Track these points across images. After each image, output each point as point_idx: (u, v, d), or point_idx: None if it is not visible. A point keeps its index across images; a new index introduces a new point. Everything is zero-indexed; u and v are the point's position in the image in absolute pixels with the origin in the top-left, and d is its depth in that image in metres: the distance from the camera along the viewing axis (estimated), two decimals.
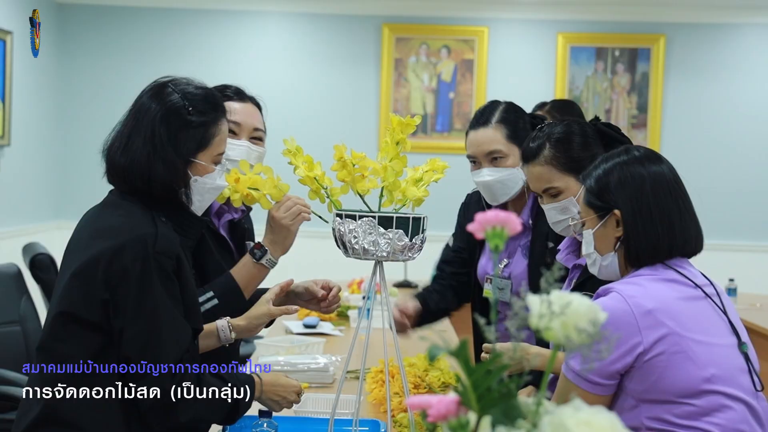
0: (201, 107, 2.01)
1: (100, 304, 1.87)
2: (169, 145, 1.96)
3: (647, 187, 1.94)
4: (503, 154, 2.67)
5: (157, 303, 1.86)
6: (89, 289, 1.87)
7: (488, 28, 6.88)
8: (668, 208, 1.93)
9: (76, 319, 1.89)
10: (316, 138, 6.79)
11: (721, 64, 6.91)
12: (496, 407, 0.97)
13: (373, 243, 2.09)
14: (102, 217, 1.99)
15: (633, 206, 1.94)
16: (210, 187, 2.05)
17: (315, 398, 2.70)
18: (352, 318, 4.10)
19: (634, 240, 1.93)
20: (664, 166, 1.98)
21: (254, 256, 2.29)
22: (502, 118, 2.70)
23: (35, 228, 6.28)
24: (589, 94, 6.89)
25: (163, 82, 2.04)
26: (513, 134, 2.68)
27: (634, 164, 1.96)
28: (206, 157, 2.02)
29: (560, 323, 0.97)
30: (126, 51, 6.81)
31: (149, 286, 1.86)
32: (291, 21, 6.94)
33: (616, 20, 6.89)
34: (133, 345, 1.86)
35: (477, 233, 1.00)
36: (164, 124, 1.96)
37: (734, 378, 1.86)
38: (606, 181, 1.97)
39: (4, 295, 3.72)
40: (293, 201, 2.31)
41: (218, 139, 2.03)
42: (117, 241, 1.88)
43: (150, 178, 1.95)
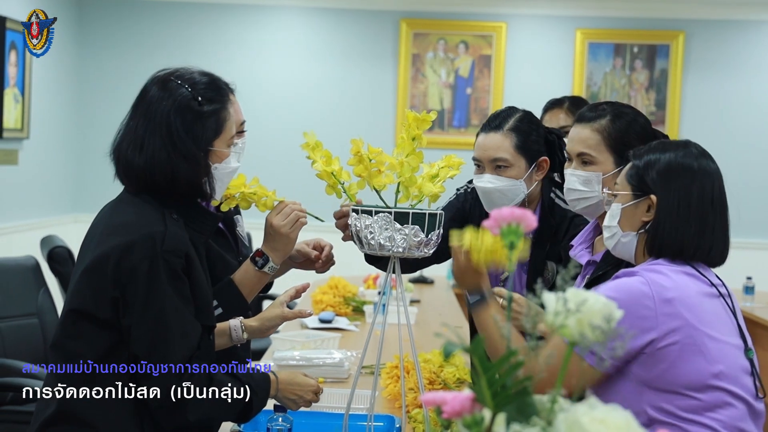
0: (209, 95, 2.00)
1: (110, 302, 1.87)
2: (188, 140, 1.95)
3: (694, 186, 1.92)
4: (508, 163, 2.60)
5: (164, 302, 1.86)
6: (99, 286, 1.88)
7: (506, 23, 6.86)
8: (706, 213, 1.91)
9: (87, 316, 1.90)
10: (333, 133, 6.79)
11: (741, 61, 6.86)
12: (511, 404, 0.97)
13: (389, 238, 2.09)
14: (115, 213, 1.99)
15: (672, 199, 1.91)
16: (228, 171, 2.05)
17: (330, 393, 2.70)
18: (367, 313, 4.10)
19: (662, 231, 1.91)
20: (715, 174, 1.96)
21: (256, 264, 2.27)
22: (515, 126, 2.63)
23: (53, 221, 6.32)
24: (607, 91, 6.86)
25: (164, 76, 2.01)
26: (522, 145, 2.61)
27: (689, 160, 1.94)
28: (222, 143, 2.02)
29: (576, 321, 0.97)
30: (144, 45, 6.84)
31: (157, 285, 1.86)
32: (309, 16, 6.95)
33: (635, 16, 6.85)
34: (141, 344, 1.87)
35: (492, 230, 1.00)
36: (179, 119, 1.95)
37: (739, 377, 1.85)
38: (655, 164, 1.94)
39: (22, 288, 3.75)
40: (290, 207, 2.28)
41: (230, 123, 2.03)
42: (126, 238, 1.88)
43: (174, 176, 1.94)
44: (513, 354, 0.96)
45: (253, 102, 6.85)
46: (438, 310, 4.56)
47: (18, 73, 5.81)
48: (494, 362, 0.98)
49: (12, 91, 5.76)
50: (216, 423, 2.09)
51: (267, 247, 2.28)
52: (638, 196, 1.95)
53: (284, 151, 6.75)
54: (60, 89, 6.60)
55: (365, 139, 2.20)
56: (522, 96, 6.16)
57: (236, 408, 1.99)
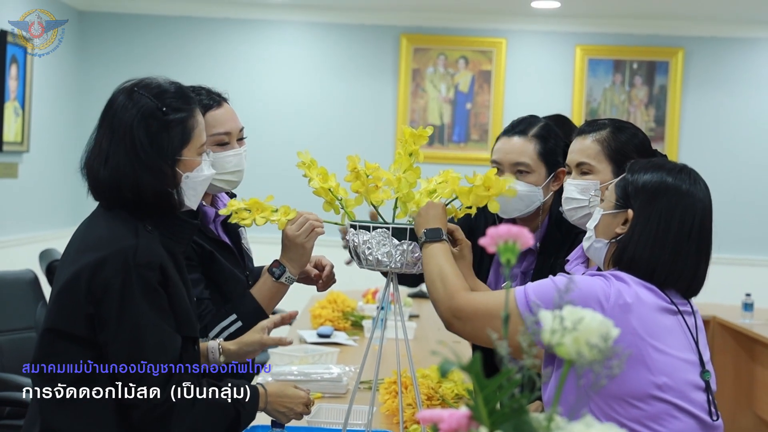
0: (175, 104, 1.96)
1: (85, 319, 1.86)
2: (152, 151, 1.92)
3: (676, 212, 1.89)
4: (530, 168, 2.58)
5: (139, 317, 1.84)
6: (74, 304, 1.87)
7: (506, 39, 6.88)
8: (683, 242, 1.88)
9: (66, 334, 1.88)
10: (333, 148, 6.82)
11: (739, 78, 6.88)
12: (508, 422, 0.97)
13: (386, 254, 2.09)
14: (87, 230, 1.97)
15: (650, 219, 1.89)
16: (201, 179, 2.01)
17: (328, 408, 2.70)
18: (366, 328, 4.10)
19: (631, 248, 1.89)
20: (702, 204, 1.92)
21: (273, 275, 2.28)
22: (540, 134, 2.61)
23: (52, 234, 6.32)
24: (607, 107, 6.87)
25: (128, 87, 1.98)
26: (545, 153, 2.60)
27: (679, 184, 1.91)
28: (191, 152, 1.98)
29: (572, 339, 0.97)
30: (145, 59, 6.85)
31: (130, 299, 1.84)
32: (309, 31, 6.97)
33: (635, 33, 6.87)
34: (119, 361, 1.85)
35: (489, 247, 1.00)
36: (142, 130, 1.92)
37: (686, 392, 1.83)
38: (643, 180, 1.92)
39: (20, 302, 3.75)
40: (305, 217, 2.28)
41: (198, 131, 1.99)
42: (98, 254, 1.87)
43: (139, 187, 1.91)
44: (509, 372, 0.96)
45: (253, 116, 6.86)
46: (437, 325, 4.54)
47: (18, 87, 5.82)
48: (491, 380, 0.98)
49: (12, 105, 5.77)
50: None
51: (283, 258, 2.29)
52: (619, 206, 1.94)
53: (285, 166, 6.76)
54: (60, 103, 6.62)
55: (365, 154, 2.20)
56: (522, 111, 6.15)
57: (224, 421, 1.97)
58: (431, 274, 2.02)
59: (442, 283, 1.99)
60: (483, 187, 2.12)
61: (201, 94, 2.37)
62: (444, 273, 2.00)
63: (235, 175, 2.39)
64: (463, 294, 1.96)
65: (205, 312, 2.31)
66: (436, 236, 2.06)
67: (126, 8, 6.90)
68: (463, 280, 2.01)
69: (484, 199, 2.13)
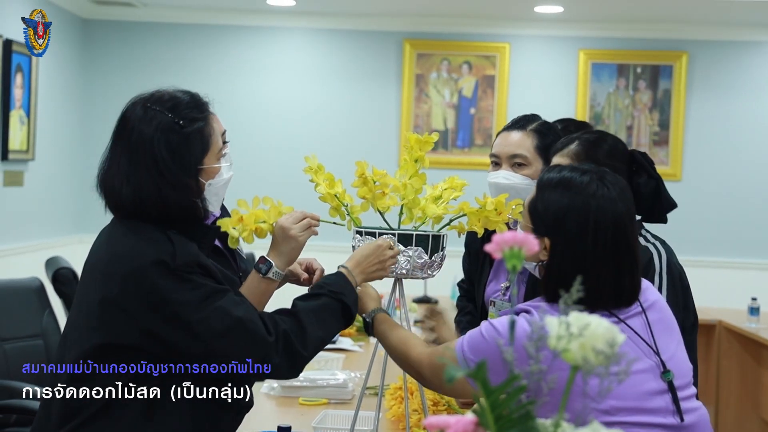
0: (189, 115, 1.97)
1: (138, 332, 1.88)
2: (174, 167, 1.92)
3: (589, 230, 1.81)
4: (527, 161, 2.64)
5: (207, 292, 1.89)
6: (127, 317, 1.88)
7: (510, 44, 6.89)
8: (600, 259, 1.80)
9: (114, 347, 1.90)
10: (337, 154, 6.83)
11: (744, 82, 6.88)
12: (514, 428, 0.97)
13: None
14: (118, 241, 1.97)
15: (565, 247, 1.82)
16: (222, 183, 2.04)
17: (334, 415, 2.70)
18: None
19: (555, 281, 1.81)
20: (615, 205, 1.83)
21: (260, 271, 2.26)
22: (538, 129, 2.69)
23: (58, 242, 6.34)
24: (611, 111, 6.87)
25: (141, 103, 1.98)
26: (542, 147, 2.66)
27: (586, 198, 1.82)
28: (211, 159, 1.99)
29: (579, 345, 0.97)
30: (149, 66, 6.87)
31: (189, 288, 1.87)
32: (312, 37, 6.98)
33: (638, 37, 6.88)
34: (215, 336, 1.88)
35: (494, 254, 1.01)
36: (163, 147, 1.92)
37: (642, 405, 1.78)
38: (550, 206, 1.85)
39: (27, 309, 3.75)
40: (303, 213, 2.26)
41: (215, 137, 2.00)
42: (138, 264, 1.88)
43: (165, 204, 1.93)
44: (516, 378, 0.96)
45: (256, 123, 6.88)
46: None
47: (24, 95, 5.84)
48: (499, 386, 0.98)
49: (18, 113, 5.78)
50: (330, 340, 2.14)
51: (273, 252, 2.24)
52: (535, 232, 1.86)
53: (290, 172, 6.77)
54: (65, 111, 6.64)
55: (369, 160, 2.20)
56: None
57: (336, 317, 2.04)
58: (389, 345, 2.08)
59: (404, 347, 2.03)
60: (494, 212, 2.13)
61: None
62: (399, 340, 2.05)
63: None
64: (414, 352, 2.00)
65: None
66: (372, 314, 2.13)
67: (130, 16, 6.92)
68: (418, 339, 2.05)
69: (494, 224, 2.14)
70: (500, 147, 2.69)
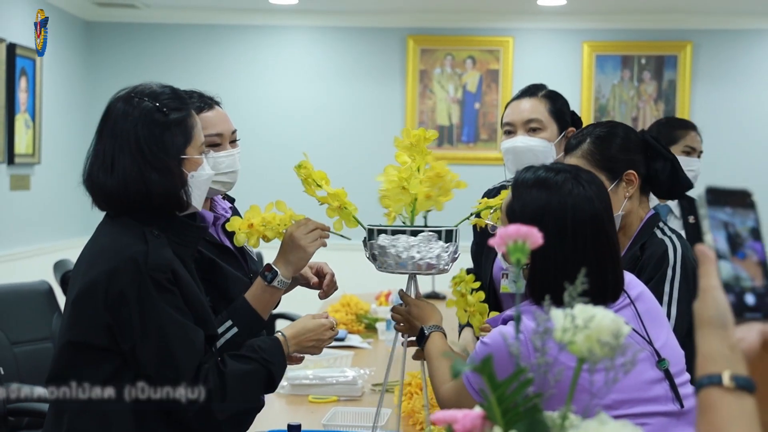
0: (173, 104, 1.99)
1: (105, 329, 1.88)
2: (158, 150, 1.93)
3: (567, 229, 1.79)
4: (542, 125, 2.66)
5: (161, 318, 1.87)
6: (91, 315, 1.89)
7: (513, 38, 6.88)
8: (581, 258, 1.78)
9: (87, 346, 1.91)
10: (342, 151, 6.84)
11: (749, 71, 6.86)
12: (522, 422, 0.97)
13: (408, 257, 2.09)
14: (96, 240, 1.99)
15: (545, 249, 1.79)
16: (204, 178, 2.03)
17: (344, 412, 2.70)
18: (380, 330, 4.10)
19: (539, 285, 1.80)
20: (591, 202, 1.82)
21: (265, 279, 2.25)
22: (549, 95, 2.73)
23: (66, 244, 6.35)
24: (616, 103, 6.86)
25: (125, 95, 2.01)
26: (555, 111, 2.70)
27: (562, 197, 1.81)
28: (193, 151, 2.00)
29: (584, 337, 0.97)
30: (153, 68, 6.88)
31: (150, 303, 1.86)
32: (316, 35, 6.98)
33: (642, 28, 6.86)
34: (149, 364, 1.88)
35: (498, 248, 1.01)
36: (146, 131, 1.94)
37: (643, 394, 1.78)
38: (527, 207, 1.84)
39: (36, 313, 3.76)
40: (313, 223, 2.25)
41: (197, 130, 2.01)
42: (110, 264, 1.88)
43: (148, 190, 1.92)
44: (522, 371, 0.96)
45: (260, 122, 6.88)
46: (451, 325, 4.54)
47: (29, 99, 5.85)
48: (503, 380, 0.98)
49: (23, 117, 5.80)
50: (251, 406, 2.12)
51: (280, 260, 2.23)
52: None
53: (293, 171, 6.78)
54: (70, 114, 6.65)
55: (373, 156, 2.21)
56: None
57: (260, 385, 2.03)
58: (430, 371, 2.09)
59: (433, 378, 2.05)
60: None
61: (193, 98, 2.38)
62: (434, 369, 2.05)
63: (229, 176, 2.38)
64: (443, 389, 2.00)
65: None
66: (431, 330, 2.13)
67: (133, 17, 6.93)
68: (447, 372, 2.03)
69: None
70: (513, 114, 2.70)
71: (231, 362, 1.98)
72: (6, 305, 3.72)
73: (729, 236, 1.01)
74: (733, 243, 1.01)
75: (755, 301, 0.99)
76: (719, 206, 1.03)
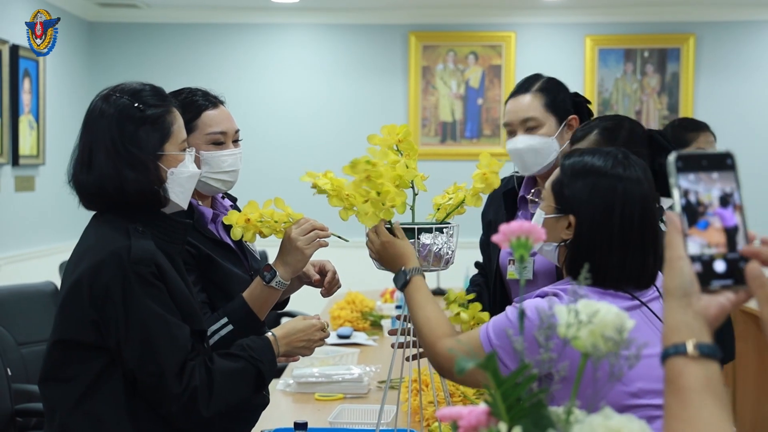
0: (151, 101, 1.98)
1: (91, 325, 1.89)
2: (132, 147, 1.93)
3: (616, 209, 1.81)
4: (539, 122, 2.65)
5: (144, 313, 1.86)
6: (78, 312, 1.89)
7: (515, 33, 6.87)
8: (627, 239, 1.80)
9: (74, 344, 1.91)
10: (345, 149, 6.82)
11: (752, 62, 6.84)
12: (527, 417, 0.97)
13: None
14: (83, 240, 2.00)
15: (591, 225, 1.81)
16: (187, 175, 2.01)
17: (350, 409, 2.71)
18: (385, 327, 4.10)
19: (581, 260, 1.80)
20: (642, 186, 1.84)
21: (264, 279, 2.25)
22: (543, 87, 2.71)
23: (71, 245, 6.33)
24: (619, 96, 6.85)
25: (105, 93, 2.02)
26: (551, 104, 2.68)
27: (614, 179, 1.83)
28: (173, 147, 1.98)
29: (588, 332, 0.97)
30: (155, 67, 6.89)
31: (133, 298, 1.86)
32: (317, 33, 6.98)
33: (645, 21, 6.85)
34: (132, 359, 1.88)
35: (501, 244, 1.01)
36: (121, 128, 1.94)
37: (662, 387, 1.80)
38: (578, 180, 1.85)
39: (42, 314, 3.77)
40: (311, 224, 2.24)
41: (177, 127, 2.00)
42: (93, 260, 1.89)
43: (123, 186, 1.92)
44: (527, 367, 0.96)
45: (263, 120, 6.89)
46: None
47: (32, 100, 5.86)
48: (509, 376, 0.98)
49: (27, 118, 5.81)
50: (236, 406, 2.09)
51: (278, 261, 2.24)
52: (559, 211, 1.87)
53: (295, 169, 6.78)
54: (74, 114, 6.65)
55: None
56: None
57: (249, 383, 2.01)
58: (416, 321, 1.97)
59: (424, 329, 1.94)
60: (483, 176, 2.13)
61: (197, 96, 2.39)
62: (425, 318, 1.94)
63: (231, 175, 2.39)
64: (440, 343, 1.90)
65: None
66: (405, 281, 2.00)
67: (135, 17, 6.93)
68: (443, 323, 1.94)
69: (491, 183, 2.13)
70: (511, 114, 2.71)
71: (219, 360, 1.98)
72: (12, 306, 3.73)
73: (688, 205, 0.98)
74: (693, 213, 0.98)
75: (726, 267, 0.98)
76: (693, 172, 1.00)
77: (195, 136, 2.32)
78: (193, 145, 2.30)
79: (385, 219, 2.06)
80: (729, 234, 0.99)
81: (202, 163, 2.32)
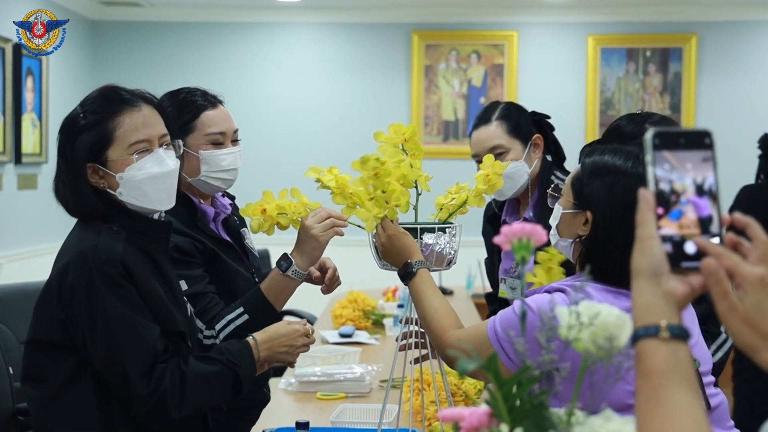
0: (94, 108, 1.98)
1: (60, 325, 1.89)
2: (62, 161, 1.97)
3: (634, 206, 1.81)
4: (504, 148, 2.74)
5: (109, 313, 1.86)
6: (48, 312, 1.90)
7: (518, 32, 6.87)
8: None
9: (45, 343, 1.92)
10: (348, 148, 6.82)
11: (755, 62, 6.84)
12: (528, 419, 0.97)
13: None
14: (65, 241, 2.03)
15: (608, 222, 1.81)
16: (142, 177, 1.95)
17: (352, 408, 2.71)
18: (387, 326, 4.10)
19: (596, 256, 1.81)
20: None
21: (281, 268, 2.26)
22: (503, 115, 2.78)
23: None
24: (621, 96, 6.85)
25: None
26: (514, 129, 2.75)
27: (633, 177, 1.81)
28: (117, 152, 1.95)
29: (589, 333, 0.97)
30: (158, 66, 6.89)
31: (97, 298, 1.86)
32: (320, 32, 6.98)
33: (647, 20, 6.84)
34: (97, 359, 1.88)
35: (503, 246, 1.01)
36: (63, 138, 1.99)
37: None
38: (598, 177, 1.85)
39: None
40: (327, 212, 2.24)
41: (122, 131, 1.95)
42: (62, 261, 1.91)
43: (73, 194, 1.97)
44: (528, 368, 0.97)
45: (266, 119, 6.89)
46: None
47: (35, 99, 5.87)
48: (511, 377, 0.99)
49: (30, 117, 5.81)
50: (211, 409, 2.08)
51: (295, 251, 2.25)
52: (577, 206, 1.87)
53: (298, 168, 6.77)
54: None
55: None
56: (535, 104, 6.15)
57: (226, 387, 1.98)
58: (424, 312, 1.98)
59: (432, 320, 1.95)
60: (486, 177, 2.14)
61: (196, 96, 2.41)
62: (432, 310, 1.96)
63: (230, 173, 2.41)
64: (448, 335, 1.91)
65: (211, 304, 2.30)
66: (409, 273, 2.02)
67: (138, 16, 6.94)
68: (450, 314, 1.96)
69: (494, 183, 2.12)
70: (477, 146, 2.80)
71: (194, 362, 1.96)
72: (14, 304, 3.73)
73: (660, 194, 0.97)
74: (666, 202, 0.97)
75: (696, 249, 0.97)
76: (670, 150, 0.97)
77: (194, 137, 2.36)
78: (193, 145, 2.32)
79: (389, 218, 2.07)
80: (702, 222, 0.98)
81: (202, 162, 2.36)
